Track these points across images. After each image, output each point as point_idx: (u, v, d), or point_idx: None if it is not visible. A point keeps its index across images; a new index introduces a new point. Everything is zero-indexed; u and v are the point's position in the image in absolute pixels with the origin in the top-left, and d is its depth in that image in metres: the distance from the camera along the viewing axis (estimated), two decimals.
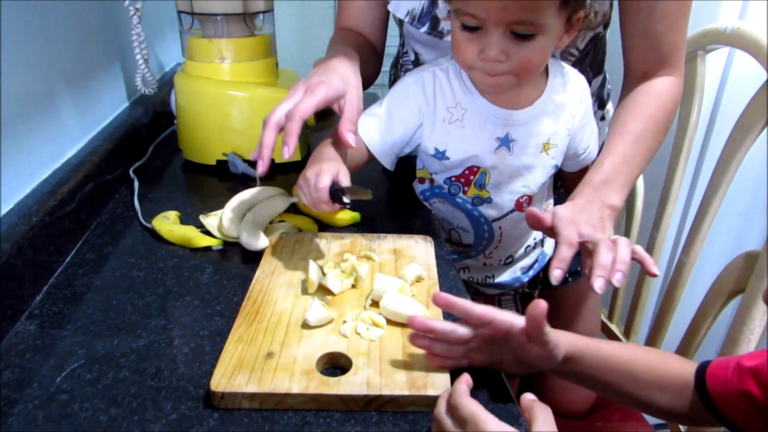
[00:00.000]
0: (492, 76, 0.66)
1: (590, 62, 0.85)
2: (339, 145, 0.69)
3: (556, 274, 0.58)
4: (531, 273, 0.91)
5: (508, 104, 0.72)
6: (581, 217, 0.63)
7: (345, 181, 0.64)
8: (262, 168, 0.64)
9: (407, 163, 0.86)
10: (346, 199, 0.63)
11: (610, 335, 1.15)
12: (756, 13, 1.13)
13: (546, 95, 0.73)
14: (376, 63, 0.88)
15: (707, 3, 1.12)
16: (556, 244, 0.61)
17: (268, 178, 0.93)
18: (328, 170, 0.63)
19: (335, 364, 0.53)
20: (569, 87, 0.75)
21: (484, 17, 0.61)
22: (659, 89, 0.76)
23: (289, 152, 0.62)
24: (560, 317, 1.01)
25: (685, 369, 0.55)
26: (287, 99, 0.65)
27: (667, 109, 0.76)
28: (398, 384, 0.49)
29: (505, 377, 0.54)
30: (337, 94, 0.67)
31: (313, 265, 0.63)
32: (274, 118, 0.64)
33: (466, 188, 0.78)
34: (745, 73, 1.16)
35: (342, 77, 0.68)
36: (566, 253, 0.59)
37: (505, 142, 0.73)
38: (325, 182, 0.62)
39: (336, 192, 0.63)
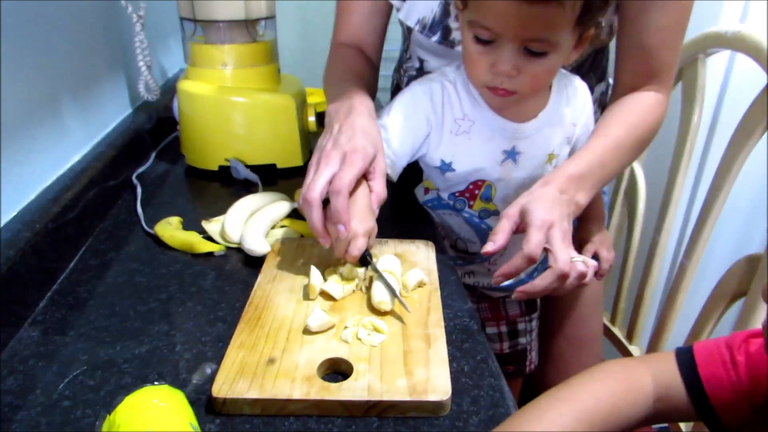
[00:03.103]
0: (500, 96, 0.66)
1: (590, 67, 0.85)
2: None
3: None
4: (535, 275, 0.91)
5: (514, 117, 0.72)
6: (554, 216, 0.63)
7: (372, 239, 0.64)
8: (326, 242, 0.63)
9: (409, 168, 0.86)
10: (372, 260, 0.63)
11: (613, 339, 1.15)
12: (757, 16, 1.13)
13: (551, 107, 0.73)
14: (375, 79, 0.88)
15: (708, 6, 1.12)
16: (524, 244, 0.62)
17: (270, 183, 0.93)
18: (363, 231, 0.61)
19: (336, 370, 0.53)
20: (573, 97, 0.75)
21: (499, 31, 0.61)
22: (646, 102, 0.76)
23: (346, 229, 0.60)
24: (562, 321, 1.01)
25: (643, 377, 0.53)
26: (323, 169, 0.61)
27: (650, 123, 0.75)
28: (399, 390, 0.49)
29: (505, 379, 0.54)
30: (370, 161, 0.64)
31: (314, 271, 0.63)
32: (315, 194, 0.60)
33: (471, 202, 0.78)
34: (746, 77, 1.15)
35: (368, 136, 0.65)
36: (520, 264, 0.62)
37: (511, 154, 0.73)
38: (362, 248, 0.61)
39: (365, 257, 0.62)
